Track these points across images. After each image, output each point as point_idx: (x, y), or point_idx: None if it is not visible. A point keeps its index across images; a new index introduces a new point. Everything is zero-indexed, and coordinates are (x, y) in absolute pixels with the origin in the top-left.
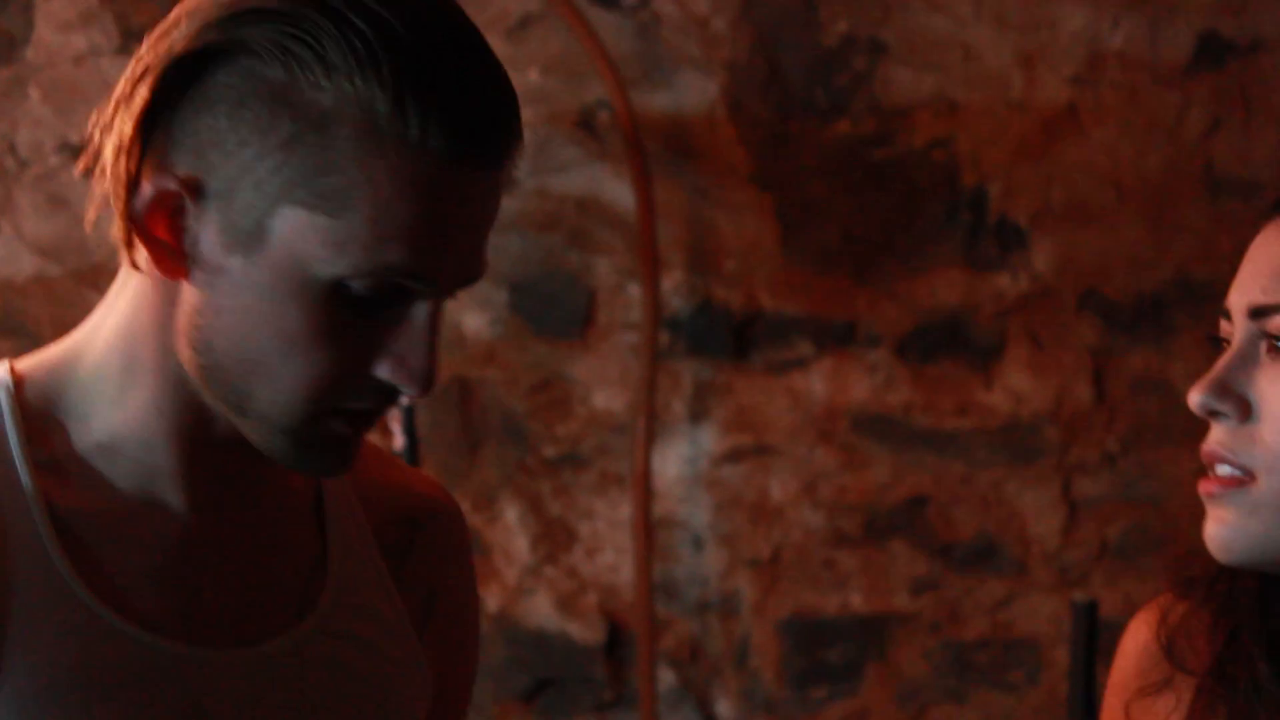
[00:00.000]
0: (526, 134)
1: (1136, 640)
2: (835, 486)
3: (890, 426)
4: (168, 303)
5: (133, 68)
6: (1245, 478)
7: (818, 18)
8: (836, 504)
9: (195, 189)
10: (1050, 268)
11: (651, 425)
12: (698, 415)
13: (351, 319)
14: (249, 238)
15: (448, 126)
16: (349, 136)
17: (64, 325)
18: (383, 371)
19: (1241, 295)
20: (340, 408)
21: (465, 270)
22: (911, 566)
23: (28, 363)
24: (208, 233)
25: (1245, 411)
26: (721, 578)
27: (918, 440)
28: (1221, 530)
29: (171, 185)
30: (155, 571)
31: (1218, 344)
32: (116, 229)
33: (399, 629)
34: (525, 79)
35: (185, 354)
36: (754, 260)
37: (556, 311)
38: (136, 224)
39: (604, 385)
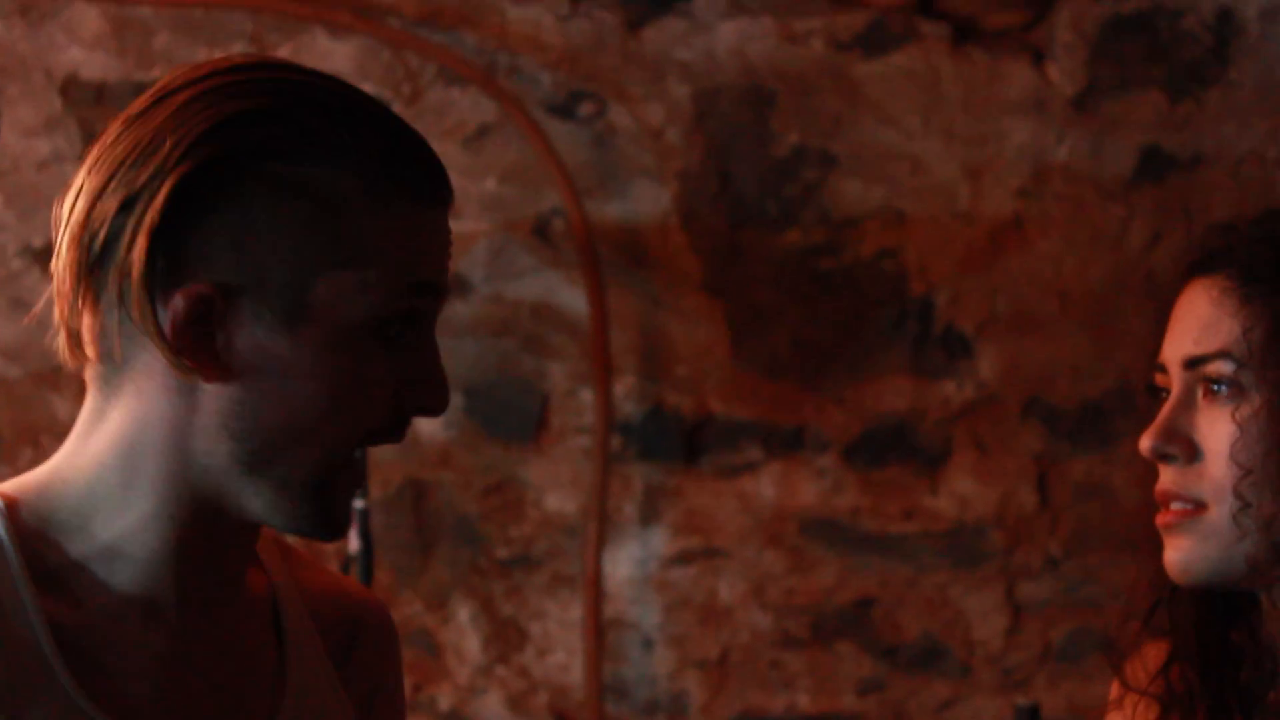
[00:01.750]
0: (483, 241)
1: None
2: (783, 588)
3: (838, 530)
4: (184, 410)
5: (96, 183)
6: (1198, 509)
7: (769, 130)
8: (784, 606)
9: (225, 290)
10: (995, 375)
11: (603, 527)
12: (648, 518)
13: (384, 354)
14: (291, 317)
15: (419, 178)
16: (354, 202)
17: (23, 426)
18: (410, 397)
19: (1175, 349)
20: (354, 458)
21: (447, 285)
22: (858, 668)
23: (11, 486)
24: (243, 327)
25: (1191, 452)
26: (670, 678)
27: (864, 544)
28: (1180, 556)
29: (202, 292)
30: (149, 673)
31: (1156, 394)
32: (93, 349)
33: None
34: (482, 187)
35: (222, 449)
36: (705, 366)
37: (510, 415)
38: (169, 341)
39: (556, 488)
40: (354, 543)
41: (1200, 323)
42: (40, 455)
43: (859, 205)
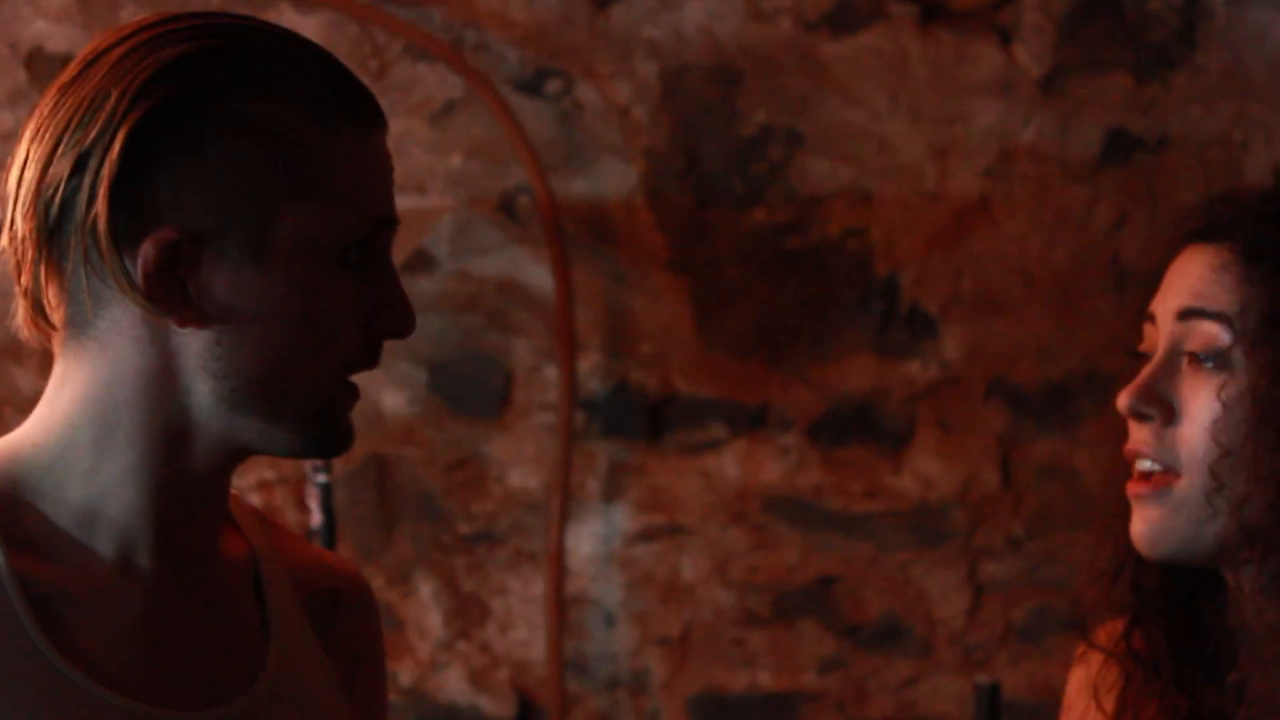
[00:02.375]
0: (448, 217)
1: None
2: (745, 566)
3: (801, 508)
4: (158, 360)
5: (43, 150)
6: (1170, 476)
7: (736, 108)
8: (746, 584)
9: (192, 234)
10: (960, 356)
11: (566, 504)
12: (611, 495)
13: (351, 283)
14: (258, 251)
15: (359, 102)
16: (305, 132)
17: None
18: (379, 323)
19: (1169, 302)
20: (348, 381)
21: (397, 214)
22: (819, 646)
23: None
24: (213, 268)
25: (1169, 414)
26: (632, 655)
27: (827, 522)
28: (1148, 529)
29: (170, 238)
30: (127, 636)
31: (1138, 357)
32: (59, 315)
33: (332, 693)
34: (448, 163)
35: (203, 389)
36: (670, 344)
37: (474, 391)
38: (142, 290)
39: (520, 464)
40: (316, 517)
41: (1200, 281)
42: (2, 427)
43: (825, 184)
